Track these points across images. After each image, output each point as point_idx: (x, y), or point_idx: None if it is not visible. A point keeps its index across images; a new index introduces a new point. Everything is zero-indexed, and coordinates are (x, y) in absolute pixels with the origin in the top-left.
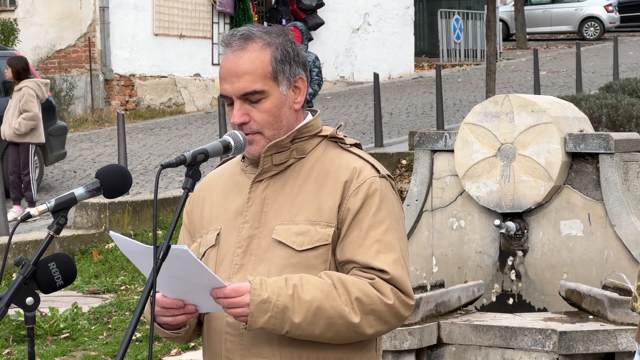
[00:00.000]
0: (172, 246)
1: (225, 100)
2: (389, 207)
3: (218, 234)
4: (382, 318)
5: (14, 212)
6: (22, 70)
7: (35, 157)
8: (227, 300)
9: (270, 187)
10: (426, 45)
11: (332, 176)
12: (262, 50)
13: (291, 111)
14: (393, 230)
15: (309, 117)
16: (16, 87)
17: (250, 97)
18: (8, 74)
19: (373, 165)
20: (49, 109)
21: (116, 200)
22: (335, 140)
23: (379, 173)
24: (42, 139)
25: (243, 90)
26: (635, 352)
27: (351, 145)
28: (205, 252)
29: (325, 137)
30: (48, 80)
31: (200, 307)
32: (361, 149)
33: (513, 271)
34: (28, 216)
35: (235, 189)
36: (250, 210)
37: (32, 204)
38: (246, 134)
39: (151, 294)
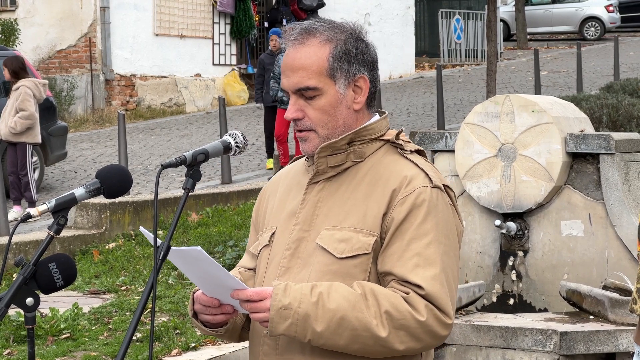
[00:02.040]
0: (187, 247)
1: (286, 95)
2: (437, 220)
3: (272, 234)
4: (413, 335)
5: (15, 212)
6: (18, 70)
7: (35, 158)
8: (248, 305)
9: (325, 190)
10: (427, 46)
11: (383, 183)
12: (320, 46)
13: (349, 111)
14: (437, 244)
15: (375, 118)
16: (14, 87)
17: (305, 93)
18: (5, 74)
19: (427, 175)
20: (49, 109)
21: (117, 200)
22: (395, 145)
23: (432, 183)
24: (38, 139)
25: (297, 86)
26: (634, 353)
27: (412, 151)
28: (260, 251)
29: (387, 141)
30: (46, 81)
31: (236, 306)
32: (424, 156)
33: (514, 271)
34: (28, 216)
35: (296, 188)
36: (302, 212)
37: (32, 204)
38: (300, 130)
39: (151, 294)
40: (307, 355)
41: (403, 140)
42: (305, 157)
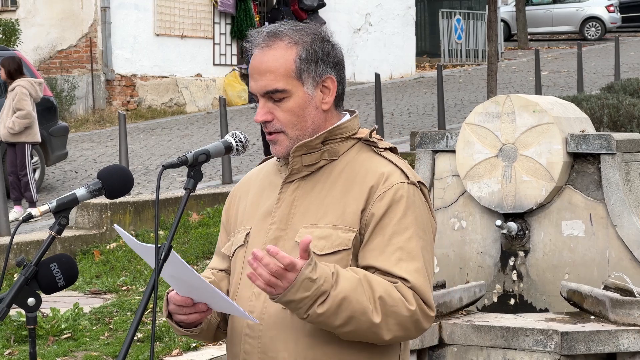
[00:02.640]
0: (151, 245)
1: (255, 98)
2: (415, 215)
3: (247, 234)
4: (401, 323)
5: (15, 212)
6: (14, 70)
7: (36, 158)
8: (276, 268)
9: (300, 189)
10: (427, 46)
11: (360, 180)
12: (287, 49)
13: (318, 112)
14: (417, 239)
15: (346, 117)
16: (10, 87)
17: (273, 96)
18: (2, 74)
19: (403, 171)
20: (50, 109)
21: (117, 200)
22: (369, 143)
23: (408, 179)
24: (37, 138)
25: (265, 89)
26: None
27: (385, 149)
28: (235, 252)
29: (360, 139)
30: (42, 80)
31: (211, 305)
32: (396, 153)
33: (514, 272)
34: (30, 217)
35: (269, 188)
36: (278, 212)
37: (32, 204)
38: (269, 133)
39: (152, 294)
40: (291, 352)
41: (376, 139)
42: (276, 158)
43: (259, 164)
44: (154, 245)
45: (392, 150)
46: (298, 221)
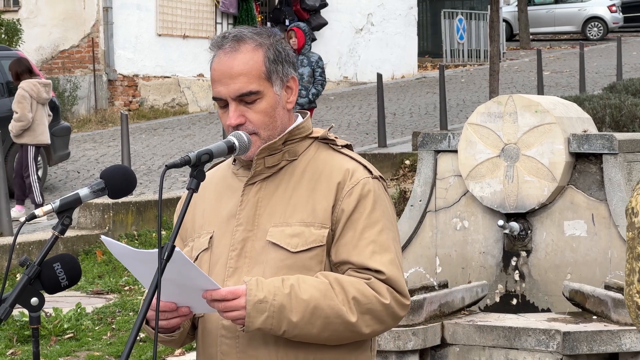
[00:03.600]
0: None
1: (218, 103)
2: (383, 208)
3: (211, 237)
4: (378, 317)
5: (16, 211)
6: (20, 72)
7: (39, 158)
8: (222, 304)
9: (263, 190)
10: (429, 46)
11: (325, 177)
12: (254, 51)
13: (284, 111)
14: (387, 231)
15: (299, 119)
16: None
17: (246, 98)
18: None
19: (365, 167)
20: (52, 110)
21: (120, 200)
22: (326, 141)
23: (372, 174)
24: (42, 139)
25: (238, 92)
26: None
27: (342, 146)
28: (198, 256)
29: (316, 138)
30: (49, 81)
31: (194, 308)
32: (352, 150)
33: (517, 272)
34: (33, 217)
35: (228, 192)
36: (243, 213)
37: (36, 206)
38: None
39: (156, 294)
40: (271, 349)
41: (333, 137)
42: (233, 161)
43: (209, 169)
44: (150, 250)
45: (349, 147)
46: (266, 221)
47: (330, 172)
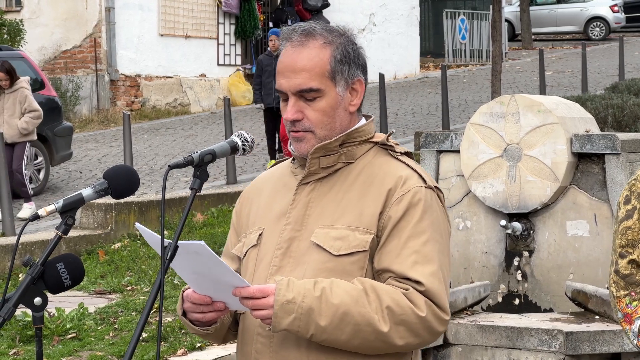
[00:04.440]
0: (189, 242)
1: (281, 96)
2: (432, 219)
3: (260, 234)
4: (413, 330)
5: (28, 207)
6: (15, 72)
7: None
8: (251, 302)
9: (316, 190)
10: (432, 46)
11: (378, 183)
12: (322, 48)
13: (346, 113)
14: (433, 242)
15: (362, 121)
16: (12, 88)
17: (306, 95)
18: (7, 82)
19: (420, 176)
20: (54, 110)
21: (122, 200)
22: (385, 147)
23: (426, 184)
24: (35, 135)
25: (299, 87)
26: None
27: (402, 153)
28: (247, 252)
29: (376, 143)
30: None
31: (229, 304)
32: (412, 158)
33: (519, 272)
34: (36, 217)
35: (283, 190)
36: (293, 213)
37: (28, 199)
38: (297, 131)
39: (159, 294)
40: (302, 351)
41: (393, 143)
42: (292, 159)
43: (271, 166)
44: (170, 241)
45: (408, 154)
46: (313, 222)
47: (383, 178)
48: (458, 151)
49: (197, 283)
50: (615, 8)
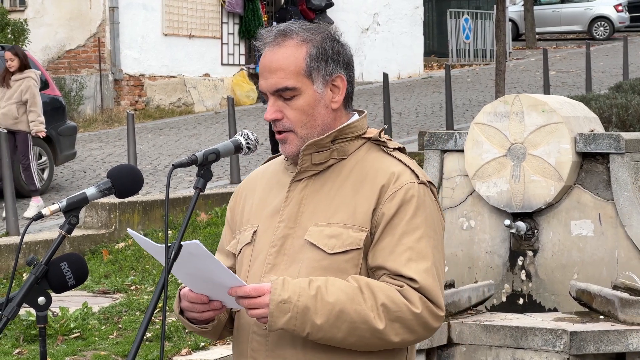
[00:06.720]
0: (184, 242)
1: (264, 97)
2: (425, 215)
3: (254, 232)
4: (408, 326)
5: (35, 204)
6: (25, 58)
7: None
8: (247, 301)
9: (309, 187)
10: (435, 45)
11: (370, 179)
12: (297, 47)
13: (328, 110)
14: (427, 239)
15: (355, 117)
16: (18, 77)
17: (283, 94)
18: (14, 64)
19: (413, 171)
20: (58, 109)
21: (126, 200)
22: (378, 143)
23: (418, 179)
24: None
25: (275, 87)
26: None
27: (394, 149)
28: (241, 250)
29: (369, 139)
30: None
31: (225, 302)
32: (405, 153)
33: (523, 271)
34: (40, 216)
35: (277, 187)
36: (286, 210)
37: (35, 192)
38: (279, 132)
39: (162, 293)
40: (298, 349)
41: (385, 138)
42: (284, 157)
43: (265, 162)
44: (163, 245)
45: (401, 150)
46: (307, 219)
47: (375, 174)
48: (462, 151)
49: (193, 283)
50: (620, 7)
